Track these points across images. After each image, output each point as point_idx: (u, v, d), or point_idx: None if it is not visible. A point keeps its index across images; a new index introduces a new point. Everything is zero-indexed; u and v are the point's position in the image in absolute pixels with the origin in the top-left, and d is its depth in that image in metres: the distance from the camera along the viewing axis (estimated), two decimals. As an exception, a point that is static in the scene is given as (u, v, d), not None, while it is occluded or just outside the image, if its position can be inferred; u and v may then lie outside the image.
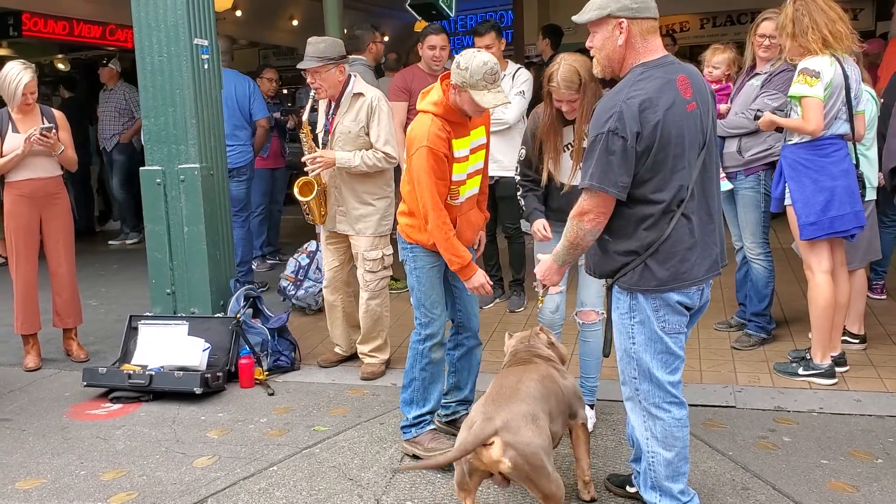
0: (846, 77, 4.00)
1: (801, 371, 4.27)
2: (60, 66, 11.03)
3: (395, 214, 4.19)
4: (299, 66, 4.52)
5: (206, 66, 4.94)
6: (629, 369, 2.82)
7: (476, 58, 3.25)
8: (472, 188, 3.59)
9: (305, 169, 4.52)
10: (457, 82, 3.29)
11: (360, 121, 4.46)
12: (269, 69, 7.64)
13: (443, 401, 3.79)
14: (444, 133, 3.34)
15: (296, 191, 4.59)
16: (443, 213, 3.37)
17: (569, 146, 3.59)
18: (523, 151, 3.75)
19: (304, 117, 4.67)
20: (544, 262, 2.97)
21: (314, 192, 4.51)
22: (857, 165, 4.19)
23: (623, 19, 2.65)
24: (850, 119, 4.08)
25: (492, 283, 3.53)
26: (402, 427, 3.68)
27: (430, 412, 3.65)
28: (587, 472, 3.16)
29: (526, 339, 3.30)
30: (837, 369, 4.26)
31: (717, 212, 2.83)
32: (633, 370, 2.80)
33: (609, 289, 2.85)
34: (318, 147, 4.59)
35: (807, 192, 4.09)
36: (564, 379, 3.12)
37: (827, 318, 4.19)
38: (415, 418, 3.62)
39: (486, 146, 3.65)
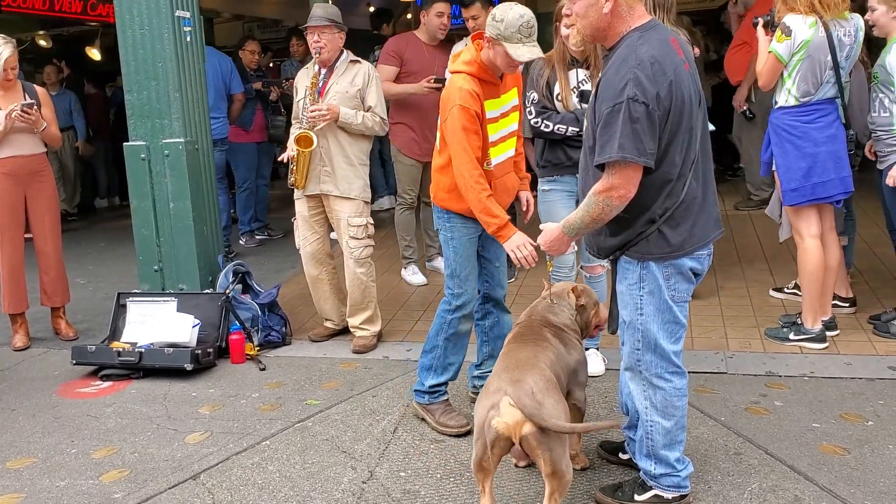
0: (831, 40, 3.95)
1: (792, 336, 4.28)
2: (42, 42, 10.86)
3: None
4: (307, 23, 4.48)
5: (188, 39, 4.86)
6: (633, 340, 2.79)
7: (513, 10, 3.20)
8: (504, 152, 3.52)
9: (306, 122, 4.42)
10: (491, 35, 3.22)
11: (356, 84, 4.51)
12: (251, 41, 7.53)
13: (477, 371, 3.79)
14: (476, 91, 3.31)
15: (292, 143, 4.48)
16: (478, 172, 3.29)
17: (576, 88, 3.76)
18: (535, 95, 3.83)
19: (315, 70, 4.53)
20: (550, 232, 2.84)
21: (314, 144, 4.41)
22: (847, 128, 4.16)
23: None
24: (839, 82, 4.05)
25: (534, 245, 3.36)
26: (416, 391, 3.68)
27: (447, 382, 3.65)
28: (576, 446, 3.15)
29: (553, 297, 3.17)
30: (828, 333, 4.27)
31: (713, 170, 2.81)
32: (637, 342, 2.78)
33: (615, 261, 2.81)
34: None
35: (789, 159, 4.09)
36: (569, 354, 3.01)
37: (816, 282, 4.19)
38: (431, 387, 3.61)
39: (519, 108, 3.61)
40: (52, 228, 5.10)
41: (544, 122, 3.82)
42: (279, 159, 4.71)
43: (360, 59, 4.64)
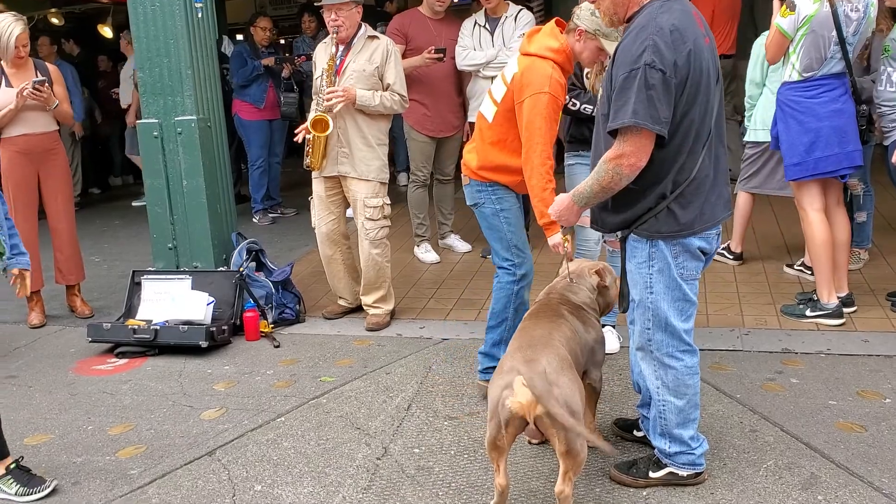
0: (836, 16, 3.92)
1: (808, 312, 4.25)
2: (54, 20, 10.83)
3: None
4: (323, 1, 4.39)
5: (199, 16, 4.83)
6: (643, 319, 2.77)
7: None
8: None
9: (323, 105, 4.38)
10: (589, 29, 3.22)
11: (374, 61, 4.45)
12: (263, 17, 7.48)
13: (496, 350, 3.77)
14: (563, 82, 3.32)
15: (308, 126, 4.43)
16: (550, 164, 3.29)
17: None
18: None
19: (332, 51, 4.47)
20: (561, 202, 2.83)
21: (330, 128, 4.37)
22: (859, 102, 4.12)
23: None
24: (846, 57, 4.02)
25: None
26: (485, 369, 3.65)
27: None
28: (590, 424, 3.11)
29: (573, 276, 3.12)
30: (845, 310, 4.23)
31: (725, 151, 2.77)
32: (648, 320, 2.76)
33: (623, 239, 2.78)
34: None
35: (791, 134, 4.10)
36: (587, 333, 2.97)
37: (825, 254, 4.18)
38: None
39: None
40: (66, 206, 5.11)
41: (572, 99, 3.80)
42: (295, 139, 4.67)
43: (378, 34, 4.58)
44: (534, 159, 3.27)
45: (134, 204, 8.63)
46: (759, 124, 4.88)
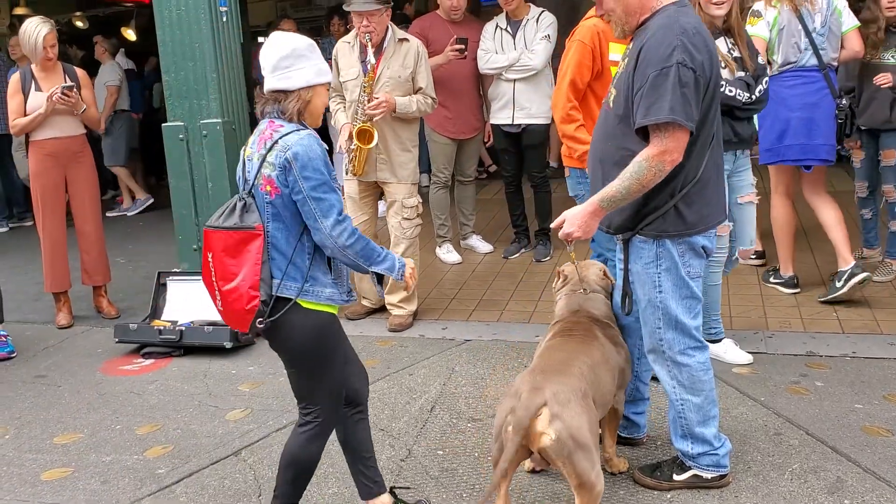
0: (798, 11, 4.15)
1: (772, 280, 4.76)
2: (79, 24, 10.96)
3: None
4: (353, 7, 4.33)
5: (224, 20, 4.87)
6: (653, 319, 2.78)
7: None
8: None
9: (364, 115, 4.34)
10: None
11: (407, 66, 4.47)
12: (287, 20, 7.54)
13: None
14: (601, 30, 3.57)
15: (354, 138, 4.40)
16: (572, 105, 3.53)
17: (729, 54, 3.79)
18: None
19: (370, 59, 4.33)
20: (580, 214, 2.69)
21: (375, 139, 4.35)
22: (840, 97, 4.28)
23: None
24: (815, 50, 4.19)
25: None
26: None
27: None
28: (608, 449, 3.00)
29: (584, 285, 3.01)
30: (848, 282, 4.34)
31: (723, 157, 2.83)
32: (658, 320, 2.77)
33: (627, 241, 2.77)
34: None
35: (767, 121, 4.35)
36: (618, 354, 2.86)
37: (784, 236, 4.63)
38: None
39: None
40: (93, 209, 5.17)
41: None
42: (336, 151, 4.70)
43: (407, 35, 4.59)
44: (559, 101, 3.60)
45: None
46: None
